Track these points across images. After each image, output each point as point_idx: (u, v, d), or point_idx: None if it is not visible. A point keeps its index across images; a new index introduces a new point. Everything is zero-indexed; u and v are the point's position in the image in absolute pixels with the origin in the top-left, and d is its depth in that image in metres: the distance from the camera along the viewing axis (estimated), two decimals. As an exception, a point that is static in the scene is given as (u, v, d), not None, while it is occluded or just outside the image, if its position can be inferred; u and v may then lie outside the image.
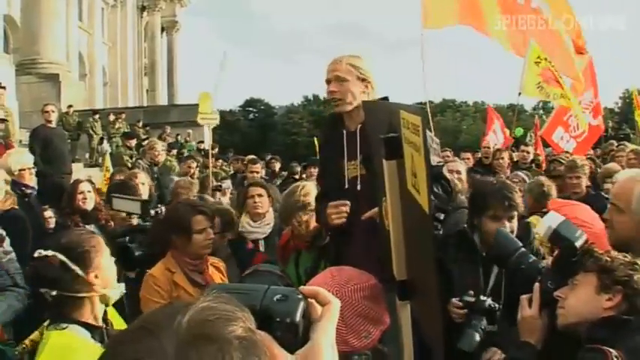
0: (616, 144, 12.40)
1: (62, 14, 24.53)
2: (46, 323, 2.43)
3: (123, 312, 2.78)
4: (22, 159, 5.96)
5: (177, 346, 0.80)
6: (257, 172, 9.23)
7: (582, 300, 2.14)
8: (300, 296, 1.07)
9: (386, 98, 3.44)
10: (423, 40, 8.50)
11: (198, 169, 11.92)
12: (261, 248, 4.78)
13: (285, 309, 1.04)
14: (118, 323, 2.63)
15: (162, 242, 3.69)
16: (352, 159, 3.44)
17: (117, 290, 2.52)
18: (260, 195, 4.95)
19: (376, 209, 2.96)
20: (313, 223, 3.96)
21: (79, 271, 2.37)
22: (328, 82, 3.45)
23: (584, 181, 5.88)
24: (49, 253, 2.43)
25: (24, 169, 5.82)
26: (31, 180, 5.94)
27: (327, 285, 2.18)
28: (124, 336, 0.85)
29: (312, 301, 1.09)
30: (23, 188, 5.72)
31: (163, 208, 4.99)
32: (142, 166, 8.83)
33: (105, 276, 2.46)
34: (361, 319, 2.11)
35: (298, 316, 1.04)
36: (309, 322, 1.07)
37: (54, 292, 2.40)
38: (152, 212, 4.79)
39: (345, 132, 3.48)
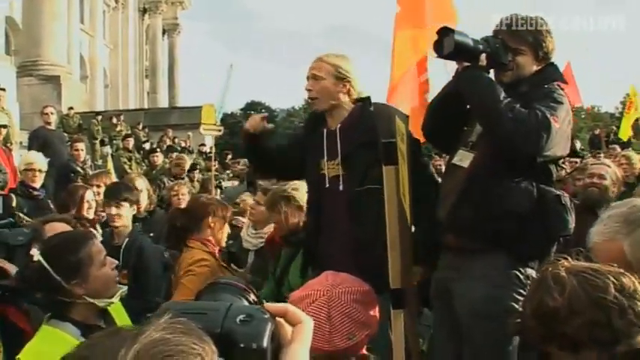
0: (619, 149, 12.36)
1: (64, 16, 24.45)
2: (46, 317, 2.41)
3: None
4: (28, 159, 6.09)
5: None
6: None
7: None
8: (266, 316, 0.93)
9: (368, 98, 3.45)
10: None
11: (200, 171, 11.94)
12: (249, 259, 4.76)
13: (250, 332, 0.90)
14: (122, 319, 2.58)
15: (185, 228, 3.95)
16: (332, 158, 3.40)
17: (107, 301, 2.44)
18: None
19: None
20: (293, 219, 3.93)
21: (62, 282, 2.32)
22: (307, 79, 3.42)
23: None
24: (36, 257, 2.40)
25: (29, 170, 5.88)
26: (37, 182, 5.96)
27: (319, 285, 2.16)
28: None
29: (281, 320, 0.96)
30: (30, 190, 5.78)
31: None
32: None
33: (93, 287, 2.38)
34: (347, 319, 2.06)
35: (265, 341, 0.90)
36: (278, 346, 0.94)
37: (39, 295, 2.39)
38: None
39: (325, 131, 3.45)
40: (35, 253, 2.44)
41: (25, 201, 5.61)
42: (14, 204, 4.86)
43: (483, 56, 2.95)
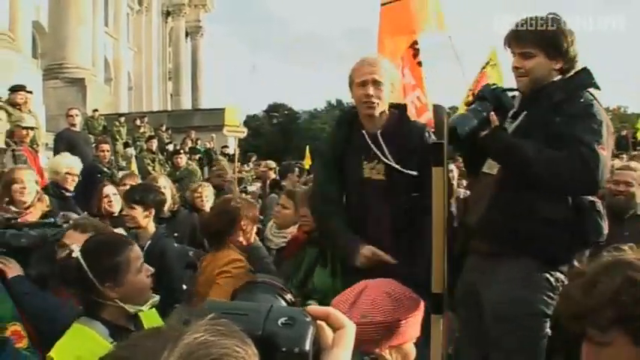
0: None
1: (89, 20, 24.73)
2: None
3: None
4: (70, 163, 6.15)
5: None
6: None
7: None
8: (308, 319, 0.91)
9: (404, 106, 3.49)
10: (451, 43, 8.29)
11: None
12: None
13: (292, 335, 0.88)
14: (153, 323, 2.55)
15: (221, 232, 3.99)
16: (372, 161, 3.38)
17: (137, 308, 2.44)
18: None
19: None
20: None
21: (96, 283, 2.34)
22: (364, 84, 3.32)
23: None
24: (75, 253, 2.41)
25: (70, 174, 5.99)
26: (72, 185, 6.07)
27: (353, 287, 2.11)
28: None
29: (322, 323, 0.93)
30: (63, 191, 5.87)
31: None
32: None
33: (126, 292, 2.39)
34: (370, 302, 1.98)
35: (308, 345, 0.88)
36: (318, 350, 0.91)
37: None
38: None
39: (365, 133, 3.41)
40: (75, 250, 2.45)
41: (56, 201, 5.71)
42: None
43: (493, 117, 2.93)
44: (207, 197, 6.49)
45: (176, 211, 5.89)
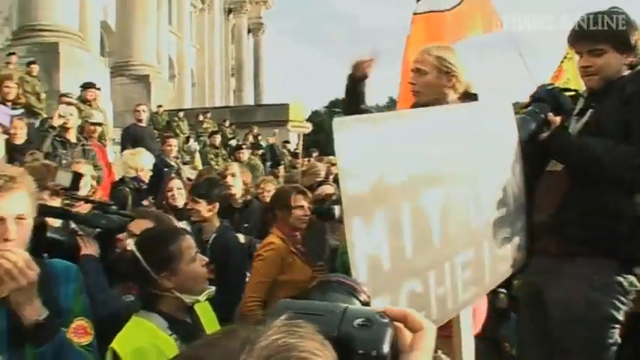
0: None
1: (153, 19, 25.31)
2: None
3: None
4: (149, 159, 6.50)
5: None
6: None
7: None
8: (386, 320, 0.86)
9: (475, 95, 3.29)
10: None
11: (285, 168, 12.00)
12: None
13: (369, 337, 0.84)
14: (207, 318, 2.60)
15: (270, 218, 4.30)
16: None
17: (194, 298, 2.45)
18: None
19: None
20: None
21: (152, 273, 2.36)
22: (412, 72, 3.29)
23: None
24: (129, 247, 2.49)
25: (144, 170, 6.29)
26: (147, 179, 6.30)
27: None
28: None
29: (400, 326, 0.88)
30: (141, 184, 6.13)
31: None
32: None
33: (182, 282, 2.41)
34: None
35: (386, 347, 0.84)
36: (396, 353, 0.86)
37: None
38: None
39: None
40: (129, 243, 2.52)
41: (133, 193, 6.02)
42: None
43: (552, 118, 2.87)
44: (268, 192, 6.49)
45: (249, 201, 5.90)
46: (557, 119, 2.87)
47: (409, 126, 2.23)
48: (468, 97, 3.30)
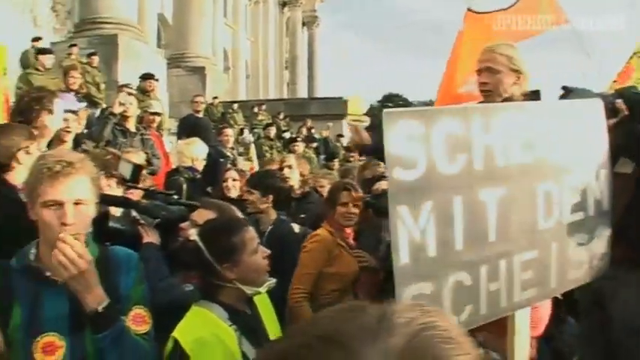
0: None
1: (209, 12, 25.55)
2: None
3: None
4: (204, 150, 6.54)
5: None
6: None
7: None
8: None
9: (537, 92, 3.23)
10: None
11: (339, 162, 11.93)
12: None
13: None
14: (266, 309, 2.63)
15: (325, 210, 4.31)
16: None
17: (255, 290, 2.46)
18: None
19: None
20: None
21: (214, 263, 2.41)
22: (479, 72, 3.23)
23: None
24: (192, 237, 2.54)
25: (199, 160, 6.34)
26: (200, 168, 6.37)
27: None
28: (300, 349, 0.64)
29: None
30: (195, 173, 6.18)
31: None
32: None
33: (244, 273, 2.42)
34: None
35: None
36: None
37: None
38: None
39: None
40: (192, 234, 2.56)
41: (188, 183, 6.02)
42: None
43: (620, 104, 2.82)
44: (322, 187, 6.46)
45: (307, 192, 5.86)
46: (624, 107, 2.78)
47: (472, 121, 2.23)
48: (531, 95, 3.26)
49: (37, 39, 12.73)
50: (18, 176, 3.08)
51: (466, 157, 2.15)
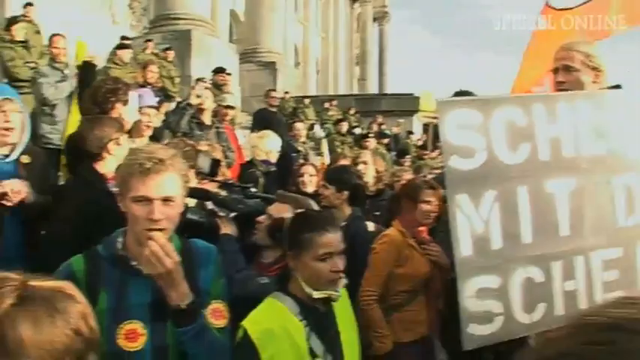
0: None
1: (280, 7, 25.72)
2: None
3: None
4: (278, 143, 6.54)
5: None
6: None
7: None
8: None
9: (618, 86, 3.11)
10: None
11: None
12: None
13: None
14: (343, 311, 2.61)
15: (395, 207, 4.21)
16: None
17: (311, 291, 2.43)
18: None
19: None
20: None
21: (285, 246, 2.54)
22: (555, 71, 3.12)
23: None
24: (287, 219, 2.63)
25: (272, 152, 6.35)
26: (274, 159, 6.41)
27: None
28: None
29: None
30: (270, 166, 6.20)
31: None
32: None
33: (302, 272, 2.45)
34: None
35: None
36: None
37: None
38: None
39: None
40: (286, 217, 2.68)
41: (264, 176, 6.07)
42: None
43: None
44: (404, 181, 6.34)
45: (381, 189, 5.74)
46: None
47: (534, 109, 2.18)
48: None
49: (125, 38, 13.02)
50: (108, 166, 3.22)
51: (530, 147, 2.11)
